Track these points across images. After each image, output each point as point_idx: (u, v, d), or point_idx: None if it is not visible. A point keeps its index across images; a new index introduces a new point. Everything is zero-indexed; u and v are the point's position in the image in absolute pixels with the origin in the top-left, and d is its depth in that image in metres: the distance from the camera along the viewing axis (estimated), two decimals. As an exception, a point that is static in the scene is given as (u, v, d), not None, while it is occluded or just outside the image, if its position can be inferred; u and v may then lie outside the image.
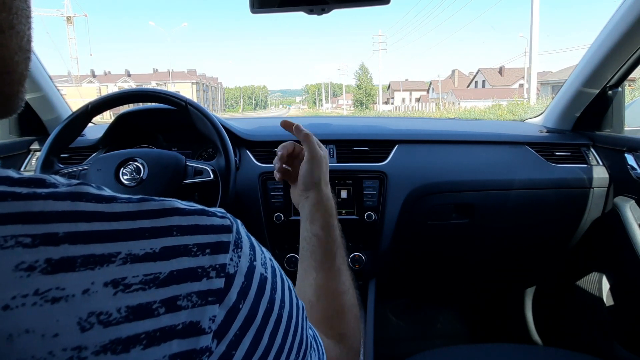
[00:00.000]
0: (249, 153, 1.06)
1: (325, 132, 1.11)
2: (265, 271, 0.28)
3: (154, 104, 0.93)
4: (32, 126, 1.14)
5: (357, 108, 51.31)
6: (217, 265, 0.24)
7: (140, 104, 1.00)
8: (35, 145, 1.11)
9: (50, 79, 1.14)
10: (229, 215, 0.28)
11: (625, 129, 1.16)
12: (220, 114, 5.47)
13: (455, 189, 1.08)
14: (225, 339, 0.23)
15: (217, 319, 0.23)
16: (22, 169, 1.08)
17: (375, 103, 48.52)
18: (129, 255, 0.21)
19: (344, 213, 1.02)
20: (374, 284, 1.02)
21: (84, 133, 0.98)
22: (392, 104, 51.51)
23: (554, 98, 1.28)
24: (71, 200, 0.22)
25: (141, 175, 0.82)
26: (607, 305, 1.16)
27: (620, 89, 1.12)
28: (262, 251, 0.29)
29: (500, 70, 39.64)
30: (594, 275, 1.21)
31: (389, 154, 1.07)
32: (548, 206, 1.12)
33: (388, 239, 1.02)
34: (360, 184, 1.02)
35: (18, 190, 0.21)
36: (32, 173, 0.27)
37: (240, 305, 0.24)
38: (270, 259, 0.30)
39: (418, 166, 1.07)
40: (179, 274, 0.22)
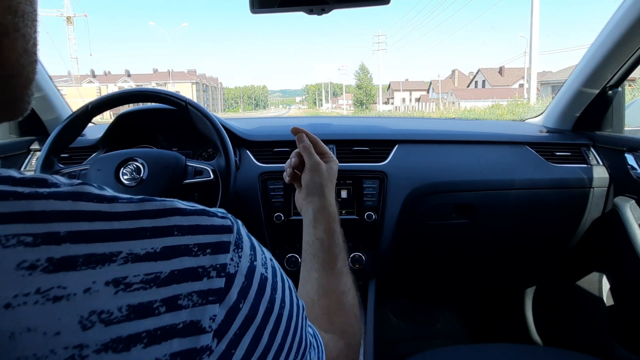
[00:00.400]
0: (249, 153, 1.06)
1: (325, 132, 1.11)
2: (266, 271, 0.28)
3: (154, 104, 0.93)
4: (32, 126, 1.14)
5: (357, 108, 51.31)
6: (218, 265, 0.24)
7: (140, 104, 1.01)
8: (35, 145, 1.11)
9: (50, 79, 1.14)
10: (229, 215, 0.28)
11: (625, 129, 1.16)
12: (220, 114, 5.47)
13: (455, 189, 1.08)
14: (226, 338, 0.24)
15: (218, 318, 0.23)
16: (22, 169, 1.08)
17: (375, 103, 48.53)
18: (130, 254, 0.21)
19: (344, 213, 1.02)
20: (374, 284, 1.02)
21: (84, 133, 0.98)
22: (392, 104, 51.52)
23: (554, 98, 1.28)
24: (73, 199, 0.22)
25: (141, 175, 0.82)
26: (607, 305, 1.16)
27: (620, 89, 1.12)
28: (263, 251, 0.29)
29: (500, 70, 39.65)
30: (594, 275, 1.21)
31: (389, 154, 1.07)
32: (548, 206, 1.12)
33: (388, 239, 1.02)
34: (360, 184, 1.02)
35: (20, 189, 0.21)
36: (33, 173, 0.27)
37: (240, 305, 0.25)
38: (270, 259, 0.30)
39: (418, 166, 1.07)
40: (180, 273, 0.22)
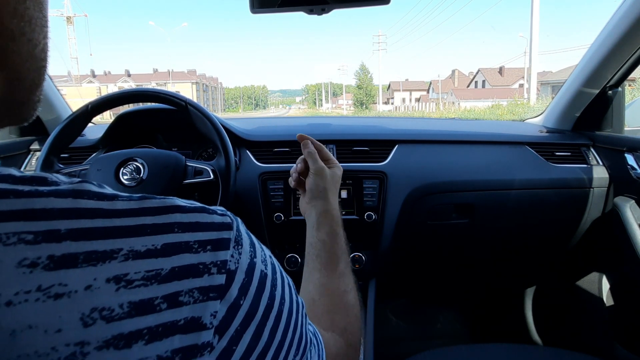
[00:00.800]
0: (249, 153, 1.06)
1: (325, 132, 1.11)
2: (266, 268, 0.28)
3: (154, 104, 0.93)
4: (32, 126, 1.14)
5: (357, 108, 51.33)
6: (218, 262, 0.24)
7: (140, 104, 1.00)
8: (35, 145, 1.11)
9: (50, 79, 1.14)
10: (229, 213, 0.28)
11: (625, 129, 1.16)
12: (220, 114, 5.47)
13: (455, 189, 1.08)
14: (227, 335, 0.24)
15: (219, 315, 0.23)
16: (22, 169, 1.08)
17: (375, 103, 48.54)
18: (130, 251, 0.22)
19: (344, 213, 1.01)
20: (374, 284, 1.02)
21: (84, 133, 0.98)
22: (392, 104, 51.52)
23: (554, 98, 1.28)
24: (73, 197, 0.22)
25: (141, 175, 0.82)
26: (607, 305, 1.16)
27: (620, 89, 1.12)
28: (262, 248, 0.30)
29: (500, 70, 39.65)
30: (594, 275, 1.21)
31: (389, 154, 1.07)
32: (548, 206, 1.12)
33: (388, 239, 1.02)
34: (360, 184, 1.02)
35: (20, 187, 0.21)
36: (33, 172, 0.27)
37: (241, 301, 0.25)
38: (270, 257, 0.30)
39: (418, 166, 1.07)
40: (181, 270, 0.23)
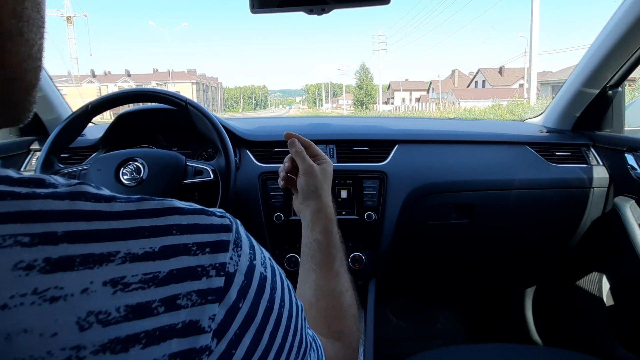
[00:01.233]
0: (249, 153, 1.06)
1: (325, 132, 1.11)
2: (265, 270, 0.28)
3: (154, 104, 0.93)
4: (32, 126, 1.14)
5: (357, 108, 51.33)
6: (217, 264, 0.24)
7: (140, 104, 1.00)
8: (35, 145, 1.11)
9: (50, 79, 1.14)
10: (228, 214, 0.28)
11: (625, 129, 1.16)
12: (220, 114, 5.47)
13: (455, 189, 1.08)
14: (225, 338, 0.23)
15: (217, 318, 0.23)
16: (22, 169, 1.08)
17: (376, 103, 48.54)
18: (128, 254, 0.21)
19: (344, 213, 1.01)
20: (374, 284, 1.02)
21: (84, 133, 0.98)
22: (392, 104, 51.51)
23: (554, 98, 1.28)
24: (70, 199, 0.22)
25: (141, 175, 0.82)
26: (607, 305, 1.16)
27: (620, 89, 1.12)
28: (262, 251, 0.29)
29: (500, 70, 39.64)
30: (594, 275, 1.21)
31: (389, 154, 1.07)
32: (548, 206, 1.12)
33: (388, 239, 1.02)
34: (360, 184, 1.02)
35: (17, 189, 0.21)
36: (32, 173, 0.27)
37: (240, 304, 0.24)
38: (269, 259, 0.30)
39: (418, 166, 1.07)
40: (179, 272, 0.22)
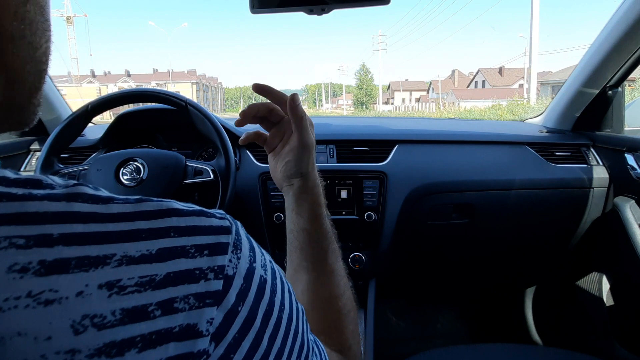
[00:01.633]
0: (249, 153, 1.06)
1: (325, 132, 1.11)
2: (265, 273, 0.27)
3: (154, 104, 0.93)
4: (32, 126, 1.14)
5: (357, 108, 51.33)
6: (216, 267, 0.23)
7: (140, 104, 1.01)
8: (35, 145, 1.11)
9: (50, 79, 1.14)
10: (228, 216, 0.27)
11: (625, 129, 1.16)
12: (220, 114, 5.47)
13: (455, 189, 1.08)
14: (224, 342, 0.23)
15: (215, 322, 0.22)
16: (22, 169, 1.08)
17: (376, 103, 48.55)
18: (124, 257, 0.21)
19: (344, 213, 1.01)
20: (374, 284, 1.02)
21: (84, 133, 0.98)
22: (392, 104, 51.50)
23: (554, 98, 1.28)
24: (67, 201, 0.21)
25: (141, 175, 0.82)
26: (607, 305, 1.16)
27: (620, 89, 1.12)
28: (262, 253, 0.29)
29: (500, 70, 39.64)
30: (594, 275, 1.21)
31: (389, 154, 1.07)
32: (548, 206, 1.12)
33: (388, 239, 1.02)
34: (360, 184, 1.02)
35: (14, 191, 0.20)
36: (32, 173, 0.27)
37: (239, 308, 0.24)
38: (270, 261, 0.29)
39: (418, 166, 1.07)
40: (176, 275, 0.22)
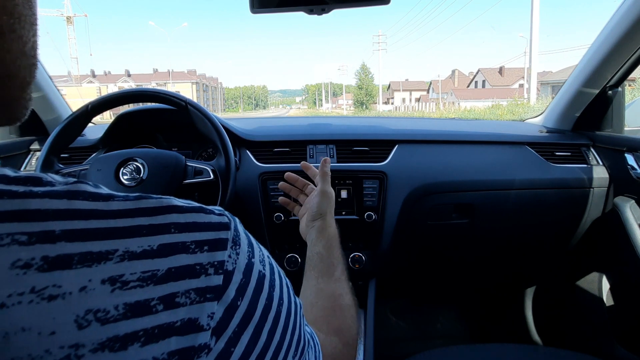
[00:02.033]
0: (249, 153, 1.06)
1: (325, 132, 1.11)
2: (264, 268, 0.28)
3: (154, 104, 0.93)
4: (32, 126, 1.14)
5: (357, 108, 51.35)
6: (216, 262, 0.24)
7: (140, 104, 1.00)
8: (35, 145, 1.11)
9: (50, 79, 1.14)
10: (226, 212, 0.28)
11: (625, 129, 1.16)
12: (220, 114, 5.47)
13: (455, 189, 1.08)
14: (224, 336, 0.23)
15: (216, 316, 0.23)
16: (22, 169, 1.08)
17: (376, 103, 48.56)
18: (126, 252, 0.21)
19: (344, 213, 1.01)
20: (374, 284, 1.02)
21: (84, 133, 0.98)
22: (392, 104, 51.53)
23: (554, 98, 1.28)
24: (68, 198, 0.22)
25: (141, 175, 0.82)
26: (607, 305, 1.16)
27: (620, 89, 1.12)
28: (260, 249, 0.29)
29: (500, 70, 39.64)
30: (594, 275, 1.21)
31: (389, 154, 1.07)
32: (548, 206, 1.12)
33: (388, 239, 1.02)
34: (360, 184, 1.02)
35: (14, 188, 0.21)
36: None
37: (238, 302, 0.24)
38: (268, 257, 0.30)
39: (418, 166, 1.07)
40: (177, 271, 0.22)
